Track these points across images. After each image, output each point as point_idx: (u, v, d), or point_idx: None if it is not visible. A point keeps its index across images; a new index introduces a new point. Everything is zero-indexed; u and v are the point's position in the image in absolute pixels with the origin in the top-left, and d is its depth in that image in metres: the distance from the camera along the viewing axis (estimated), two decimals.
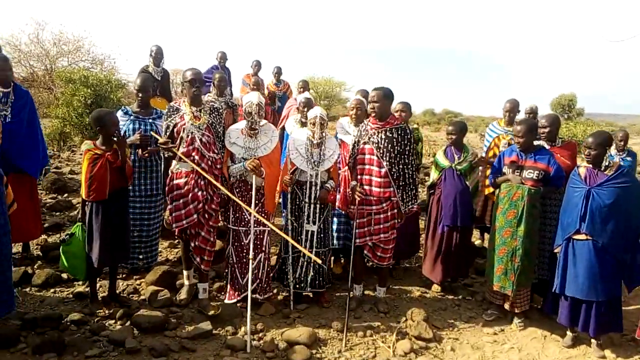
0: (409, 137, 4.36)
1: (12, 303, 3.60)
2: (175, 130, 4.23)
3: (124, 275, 4.82)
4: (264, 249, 4.37)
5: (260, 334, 3.99)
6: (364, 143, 4.40)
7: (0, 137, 3.82)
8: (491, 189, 5.12)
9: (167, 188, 4.28)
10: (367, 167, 4.40)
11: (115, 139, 3.98)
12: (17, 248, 5.30)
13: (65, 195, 7.23)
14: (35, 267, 4.89)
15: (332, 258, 5.20)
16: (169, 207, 4.26)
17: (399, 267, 5.52)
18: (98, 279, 4.39)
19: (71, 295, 4.42)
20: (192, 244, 4.30)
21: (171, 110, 4.28)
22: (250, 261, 4.12)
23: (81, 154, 10.34)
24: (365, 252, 4.57)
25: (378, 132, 4.35)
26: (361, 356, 3.80)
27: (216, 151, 4.28)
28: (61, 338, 3.57)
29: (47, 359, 3.37)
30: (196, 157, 4.16)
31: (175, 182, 4.21)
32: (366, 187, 4.37)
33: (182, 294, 4.41)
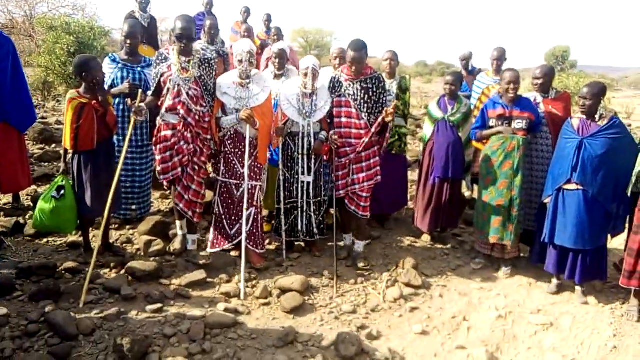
0: (382, 85, 4.36)
1: None
2: (162, 80, 4.09)
3: (116, 226, 4.84)
4: (255, 203, 4.35)
5: (254, 282, 4.06)
6: (339, 95, 4.36)
7: None
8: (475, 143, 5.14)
9: (154, 139, 4.21)
10: (344, 119, 4.36)
11: (96, 85, 3.87)
12: (7, 199, 5.28)
13: (53, 145, 7.13)
14: (27, 217, 4.88)
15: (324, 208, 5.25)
16: (157, 158, 4.21)
17: (389, 217, 5.59)
18: (90, 229, 4.41)
19: (64, 245, 4.44)
20: (184, 198, 4.26)
21: (160, 58, 4.13)
22: (244, 212, 4.13)
23: None
24: (346, 202, 4.57)
25: (353, 84, 4.30)
26: (352, 302, 3.91)
27: (204, 104, 4.15)
28: (57, 286, 3.62)
29: (44, 306, 3.41)
30: (182, 111, 4.04)
31: (162, 133, 4.12)
32: (346, 140, 4.34)
33: (176, 244, 4.44)
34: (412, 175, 6.36)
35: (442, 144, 4.82)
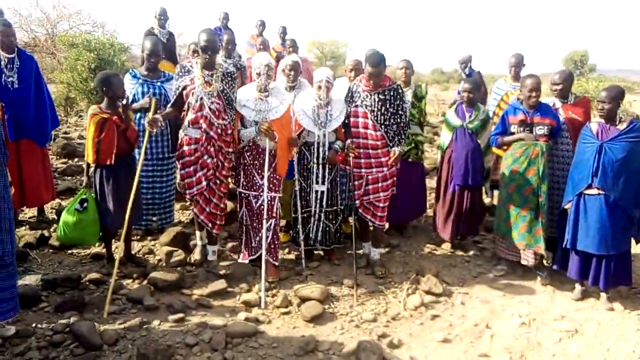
0: (401, 96, 4.34)
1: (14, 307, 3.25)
2: (184, 93, 4.10)
3: (138, 237, 4.91)
4: (274, 215, 4.33)
5: (274, 291, 4.08)
6: (356, 106, 4.33)
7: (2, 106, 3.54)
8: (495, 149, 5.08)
9: (177, 153, 4.24)
10: (361, 130, 4.33)
11: (122, 102, 3.98)
12: (32, 212, 5.40)
13: (76, 160, 7.28)
14: (52, 230, 4.98)
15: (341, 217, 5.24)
16: (181, 172, 4.24)
17: (408, 225, 5.56)
18: (113, 240, 4.48)
19: (88, 257, 4.52)
20: (205, 210, 4.28)
21: (182, 70, 4.13)
22: (264, 222, 4.16)
23: None
24: (360, 211, 4.53)
25: (371, 95, 4.27)
26: (372, 310, 3.90)
27: (226, 118, 4.15)
28: (81, 297, 3.70)
29: (69, 317, 3.48)
30: (204, 125, 4.04)
31: (185, 148, 4.13)
32: (362, 150, 4.32)
33: (196, 255, 4.49)
34: (430, 182, 6.34)
35: (461, 151, 4.79)
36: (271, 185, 4.26)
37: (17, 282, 3.34)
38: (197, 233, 4.58)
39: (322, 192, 4.47)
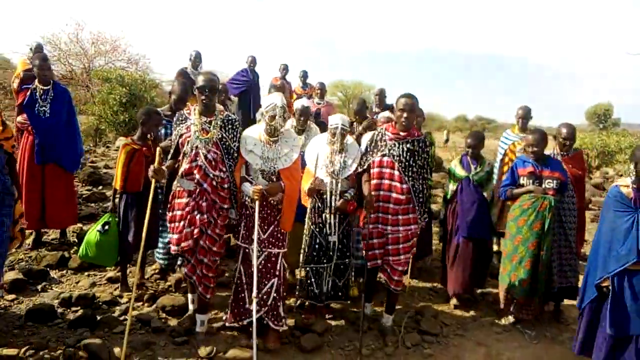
0: (427, 149, 4.08)
1: None
2: (179, 142, 3.72)
3: (157, 271, 4.90)
4: (277, 273, 3.86)
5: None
6: (382, 155, 4.00)
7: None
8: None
9: (169, 205, 3.81)
10: (386, 182, 3.98)
11: (152, 138, 4.31)
12: (55, 234, 5.71)
13: (100, 187, 7.66)
14: (72, 252, 5.26)
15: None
16: (170, 225, 3.77)
17: (413, 267, 5.65)
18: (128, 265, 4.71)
19: (103, 279, 4.77)
20: (196, 271, 3.75)
21: (179, 119, 3.78)
22: (254, 280, 3.61)
23: (116, 150, 10.85)
24: (379, 274, 4.37)
25: (399, 144, 3.96)
26: (369, 346, 4.00)
27: (224, 169, 3.70)
28: (94, 316, 3.92)
29: (81, 334, 3.70)
30: (197, 176, 3.61)
31: (177, 201, 3.73)
32: (384, 204, 3.98)
33: (185, 321, 4.00)
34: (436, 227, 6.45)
35: (467, 202, 4.73)
36: (273, 240, 3.83)
37: None
38: (189, 296, 4.09)
39: (334, 242, 4.21)
